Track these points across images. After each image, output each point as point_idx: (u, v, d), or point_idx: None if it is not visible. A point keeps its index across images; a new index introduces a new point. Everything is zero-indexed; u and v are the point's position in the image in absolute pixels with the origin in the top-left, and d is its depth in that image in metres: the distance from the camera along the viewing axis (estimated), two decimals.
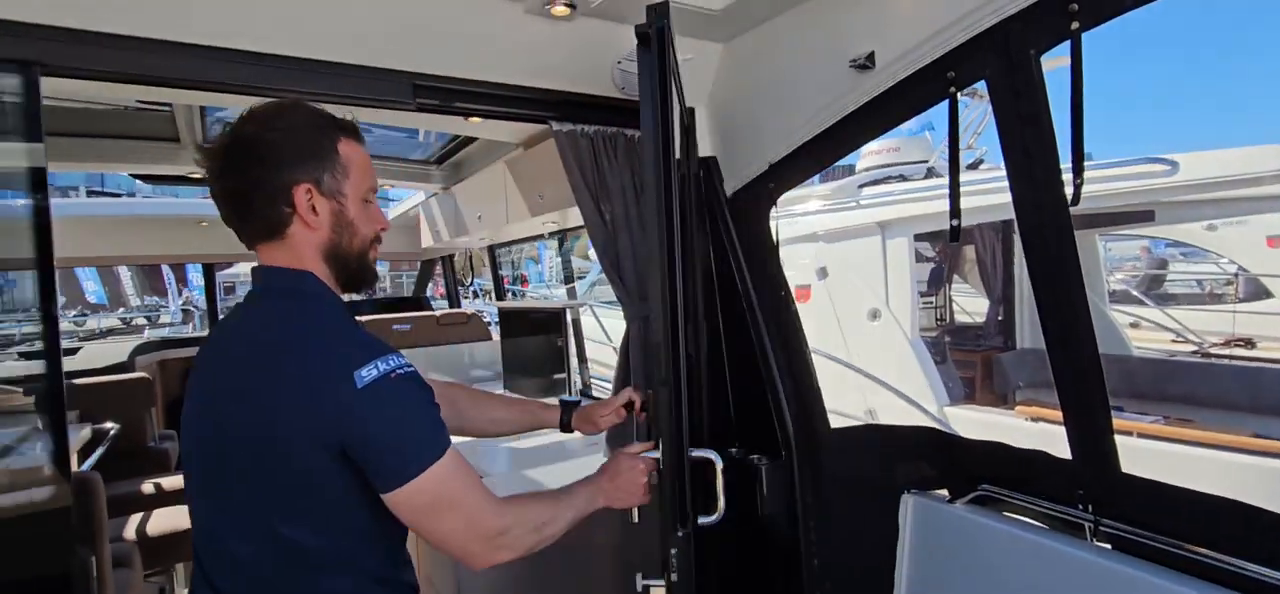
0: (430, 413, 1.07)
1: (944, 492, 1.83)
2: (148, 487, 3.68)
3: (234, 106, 2.70)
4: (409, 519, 1.05)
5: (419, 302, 5.83)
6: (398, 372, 1.02)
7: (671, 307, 1.35)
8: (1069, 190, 1.34)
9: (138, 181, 4.26)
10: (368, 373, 0.99)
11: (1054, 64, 1.42)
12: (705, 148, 2.24)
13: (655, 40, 1.27)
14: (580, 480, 1.36)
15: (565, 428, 1.75)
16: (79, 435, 3.30)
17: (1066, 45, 1.31)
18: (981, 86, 1.53)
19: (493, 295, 5.08)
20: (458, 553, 1.09)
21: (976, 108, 7.28)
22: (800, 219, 6.62)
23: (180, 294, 17.75)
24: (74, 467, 2.87)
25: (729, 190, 2.22)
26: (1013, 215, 1.48)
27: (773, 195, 2.10)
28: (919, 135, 8.45)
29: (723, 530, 2.24)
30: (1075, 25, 1.26)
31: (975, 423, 5.48)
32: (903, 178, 7.51)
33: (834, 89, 1.76)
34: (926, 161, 7.82)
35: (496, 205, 3.34)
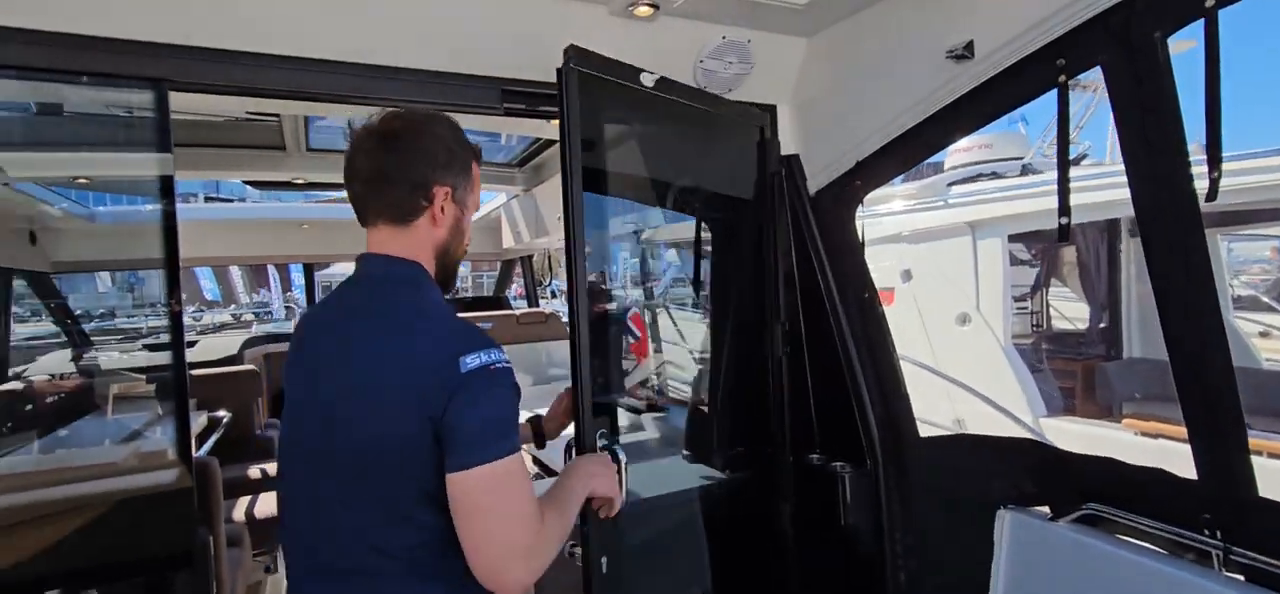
0: (511, 412, 1.11)
1: (1045, 509, 1.71)
2: (254, 472, 3.96)
3: (337, 116, 2.87)
4: (461, 506, 1.05)
5: (499, 301, 6.00)
6: (496, 365, 1.08)
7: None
8: (1201, 185, 1.22)
9: (248, 187, 4.59)
10: (471, 360, 1.05)
11: (1178, 48, 1.30)
12: (787, 145, 2.20)
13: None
14: (560, 484, 1.30)
15: (539, 442, 1.72)
16: (197, 422, 3.59)
17: (1192, 27, 1.20)
18: (1090, 75, 1.42)
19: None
20: (489, 559, 1.06)
21: (1077, 99, 6.81)
22: (883, 219, 6.38)
23: (284, 293, 19.05)
24: (194, 453, 3.13)
25: (812, 189, 2.16)
26: (1125, 214, 1.36)
27: (859, 193, 2.03)
28: (1012, 130, 7.99)
29: (801, 537, 2.19)
30: (1210, 2, 1.15)
31: (1076, 436, 5.11)
32: (995, 175, 7.10)
33: (928, 81, 1.68)
34: (1021, 158, 7.37)
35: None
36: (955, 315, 5.82)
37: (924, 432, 2.05)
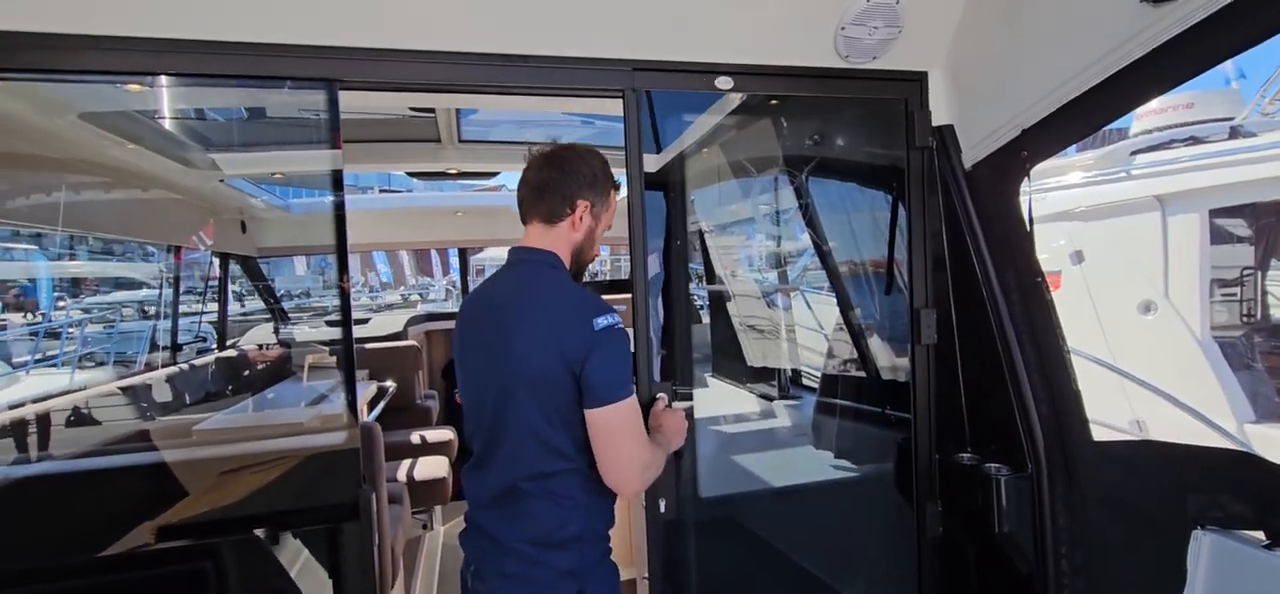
0: (630, 363, 1.45)
1: (1258, 535, 1.45)
2: (414, 437, 4.36)
3: (485, 108, 3.04)
4: (599, 434, 1.39)
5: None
6: (618, 326, 1.41)
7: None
8: None
9: (411, 179, 5.02)
10: (601, 321, 1.39)
11: None
12: (940, 115, 2.01)
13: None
14: (654, 429, 1.66)
15: None
16: (367, 391, 4.01)
17: None
18: None
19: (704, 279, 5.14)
20: (620, 475, 1.41)
21: None
22: (1049, 194, 5.70)
23: (445, 275, 20.82)
24: (363, 417, 3.50)
25: (968, 162, 1.97)
26: None
27: (1025, 165, 1.81)
28: (1221, 86, 6.78)
29: (949, 541, 2.03)
30: None
31: None
32: (1194, 140, 6.07)
33: (1116, 30, 1.46)
34: (1232, 119, 6.23)
35: (710, 188, 3.35)
36: (1137, 303, 5.09)
37: (1097, 435, 1.81)
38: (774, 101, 2.58)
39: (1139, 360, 4.82)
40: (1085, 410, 1.81)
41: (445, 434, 4.53)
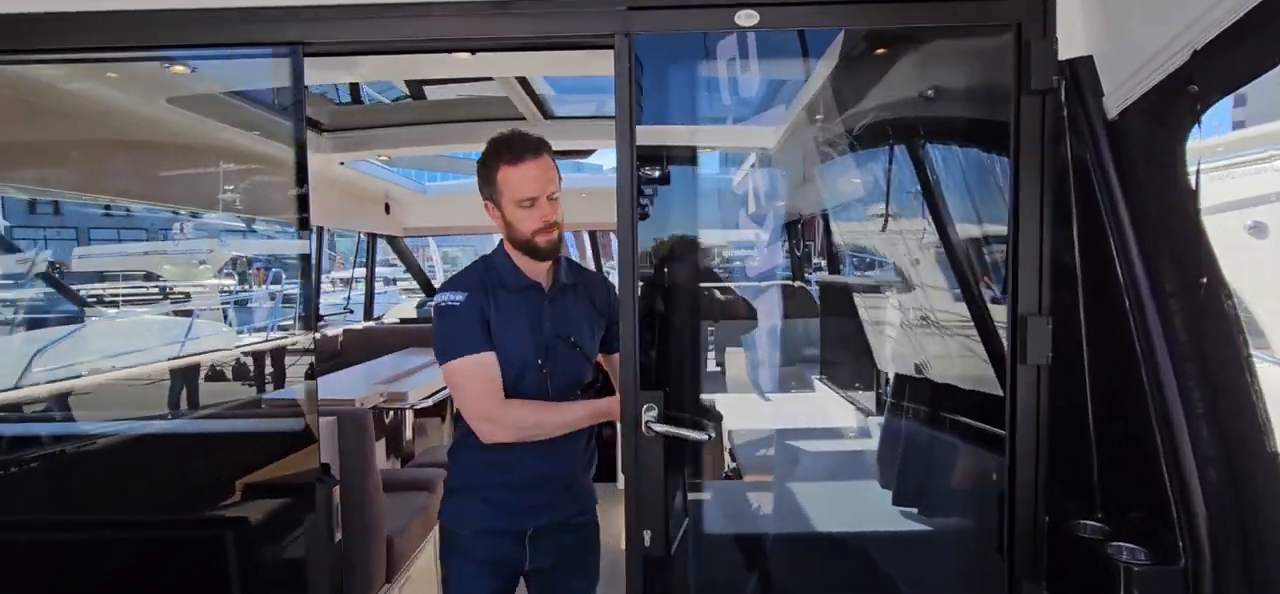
0: (445, 335, 1.63)
1: None
2: None
3: (469, 71, 2.83)
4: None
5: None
6: (438, 303, 1.66)
7: None
8: None
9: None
10: (436, 298, 1.68)
11: None
12: (1071, 44, 1.43)
13: None
14: (585, 400, 1.72)
15: None
16: None
17: None
18: None
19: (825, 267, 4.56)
20: (466, 421, 1.67)
21: None
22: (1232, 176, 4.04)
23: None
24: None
25: (1112, 108, 1.38)
26: None
27: (1194, 106, 1.20)
28: None
29: None
30: None
31: None
32: None
33: None
34: None
35: (834, 162, 2.89)
36: None
37: None
38: (880, 50, 2.09)
39: None
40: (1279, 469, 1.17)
41: None
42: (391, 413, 3.65)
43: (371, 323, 5.33)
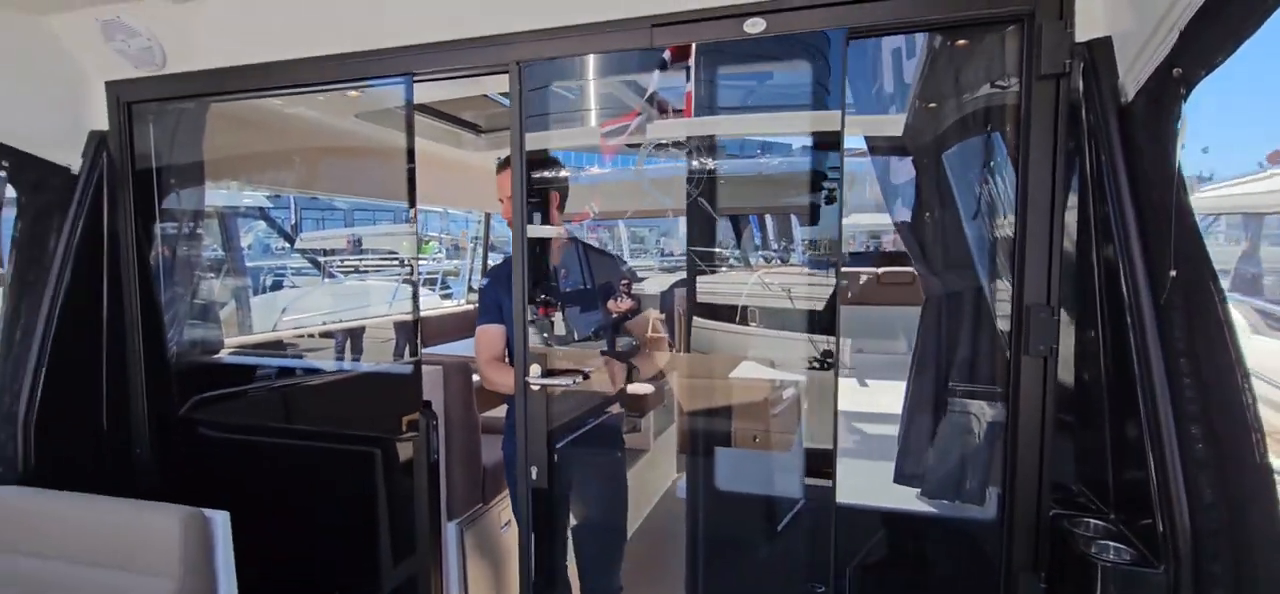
0: (481, 305, 2.20)
1: None
2: None
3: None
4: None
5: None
6: (479, 285, 2.10)
7: None
8: None
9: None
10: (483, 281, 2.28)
11: None
12: (1091, 23, 1.38)
13: None
14: None
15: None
16: None
17: None
18: None
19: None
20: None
21: None
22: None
23: None
24: None
25: (1129, 91, 1.31)
26: None
27: (1178, 90, 1.14)
28: None
29: None
30: None
31: None
32: None
33: None
34: None
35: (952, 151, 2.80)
36: None
37: None
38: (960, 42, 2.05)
39: None
40: (1278, 489, 1.09)
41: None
42: None
43: None
